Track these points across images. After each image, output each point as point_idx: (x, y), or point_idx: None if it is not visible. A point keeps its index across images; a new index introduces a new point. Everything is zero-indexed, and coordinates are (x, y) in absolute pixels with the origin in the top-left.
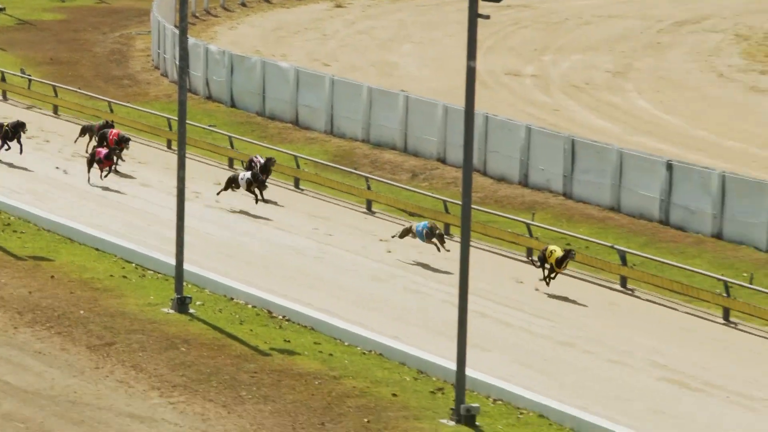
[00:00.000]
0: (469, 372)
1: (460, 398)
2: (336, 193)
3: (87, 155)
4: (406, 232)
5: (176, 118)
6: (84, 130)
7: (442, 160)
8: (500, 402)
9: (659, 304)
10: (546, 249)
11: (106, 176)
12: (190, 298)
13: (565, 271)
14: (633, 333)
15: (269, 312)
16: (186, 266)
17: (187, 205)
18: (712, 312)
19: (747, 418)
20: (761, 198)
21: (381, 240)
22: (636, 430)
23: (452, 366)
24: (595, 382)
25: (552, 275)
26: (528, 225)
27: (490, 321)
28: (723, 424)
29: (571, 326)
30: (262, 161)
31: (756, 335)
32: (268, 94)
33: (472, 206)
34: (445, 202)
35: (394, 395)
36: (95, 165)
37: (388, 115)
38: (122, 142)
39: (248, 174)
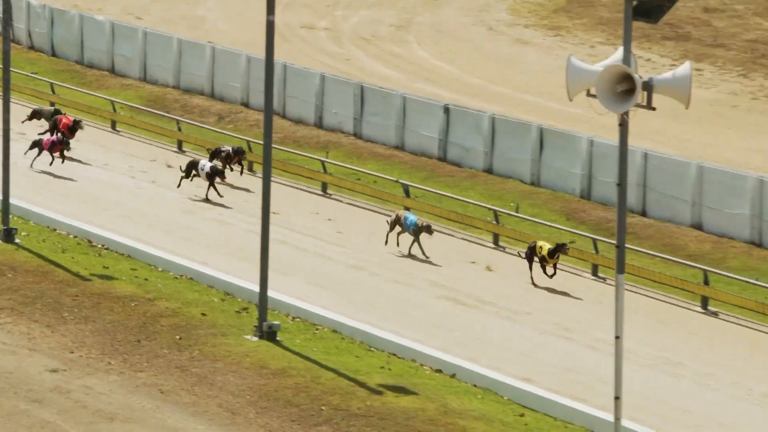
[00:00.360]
0: (271, 293)
1: (262, 316)
2: (150, 134)
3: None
4: (394, 223)
5: (1, 66)
6: (34, 114)
7: (246, 105)
8: (298, 319)
9: (438, 231)
10: (535, 245)
11: (51, 163)
12: (16, 229)
13: (358, 203)
14: (413, 257)
15: (89, 241)
16: (12, 200)
17: (13, 145)
18: (484, 237)
19: (513, 329)
20: (525, 137)
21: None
22: (418, 341)
23: (255, 288)
24: (383, 300)
25: (549, 272)
26: (323, 162)
27: (289, 248)
28: (493, 334)
29: (361, 252)
30: (230, 149)
31: (521, 257)
32: (86, 44)
33: (273, 146)
34: (248, 142)
35: (204, 315)
36: (46, 151)
37: (197, 64)
38: (76, 125)
39: (208, 165)
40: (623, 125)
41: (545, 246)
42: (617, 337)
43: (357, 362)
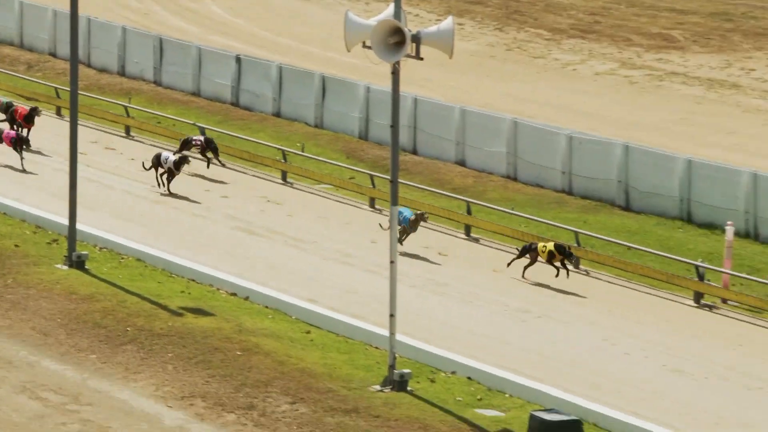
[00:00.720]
0: (79, 226)
1: (71, 247)
2: None
3: None
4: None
5: None
6: None
7: (53, 55)
8: (105, 249)
9: (231, 169)
10: (537, 245)
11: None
12: None
13: (159, 144)
14: (211, 193)
15: None
16: None
17: None
18: (274, 175)
19: (299, 256)
20: (309, 84)
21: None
22: (215, 268)
23: (65, 221)
24: (183, 231)
25: (561, 269)
26: (126, 107)
27: (96, 185)
28: (282, 260)
29: (162, 189)
30: (202, 139)
31: (307, 192)
32: None
33: (79, 92)
34: (56, 89)
35: (17, 246)
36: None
37: (6, 17)
38: (33, 112)
39: (173, 157)
40: (395, 74)
41: (548, 247)
42: (392, 262)
43: (159, 287)
